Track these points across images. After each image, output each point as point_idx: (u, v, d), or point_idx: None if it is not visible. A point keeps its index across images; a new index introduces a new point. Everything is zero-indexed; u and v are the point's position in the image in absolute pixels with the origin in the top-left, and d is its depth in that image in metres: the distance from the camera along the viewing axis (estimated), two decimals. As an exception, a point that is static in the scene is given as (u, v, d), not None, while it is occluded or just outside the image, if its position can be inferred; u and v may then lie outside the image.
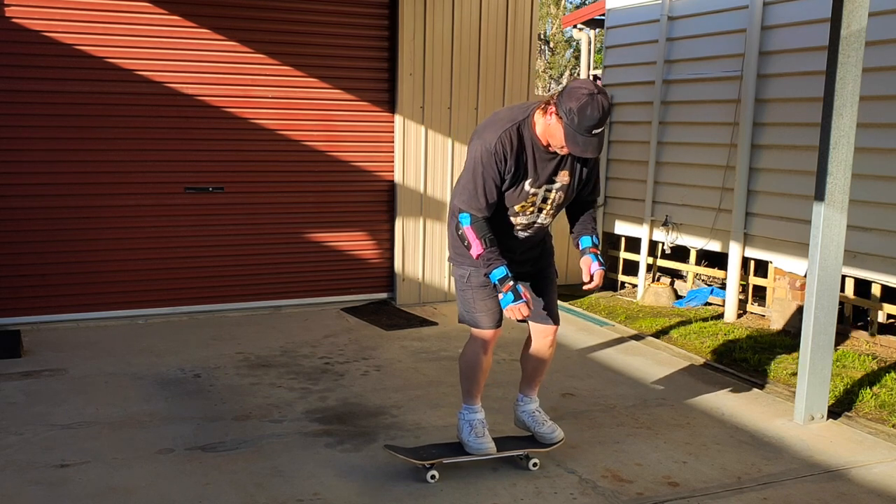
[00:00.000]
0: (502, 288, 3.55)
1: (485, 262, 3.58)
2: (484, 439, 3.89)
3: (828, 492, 3.88)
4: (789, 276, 6.95)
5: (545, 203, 3.72)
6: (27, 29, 6.03)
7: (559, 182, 3.69)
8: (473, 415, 3.92)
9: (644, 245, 8.35)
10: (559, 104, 3.39)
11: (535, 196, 3.67)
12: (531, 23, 7.63)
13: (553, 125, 3.44)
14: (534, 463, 4.00)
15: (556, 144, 3.51)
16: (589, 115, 3.32)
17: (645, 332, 6.75)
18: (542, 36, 24.40)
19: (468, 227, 3.60)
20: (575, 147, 3.40)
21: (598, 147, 3.42)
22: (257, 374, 5.36)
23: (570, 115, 3.34)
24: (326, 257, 7.23)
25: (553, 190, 3.69)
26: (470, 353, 3.88)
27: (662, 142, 8.17)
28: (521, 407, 4.09)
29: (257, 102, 6.77)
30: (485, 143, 3.55)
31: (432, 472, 3.83)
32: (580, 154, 3.44)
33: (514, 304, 3.54)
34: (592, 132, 3.36)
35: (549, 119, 3.46)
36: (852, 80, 4.49)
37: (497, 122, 3.60)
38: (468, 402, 3.93)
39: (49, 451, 4.07)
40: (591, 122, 3.33)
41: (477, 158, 3.56)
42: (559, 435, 4.06)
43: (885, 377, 5.53)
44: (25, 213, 6.21)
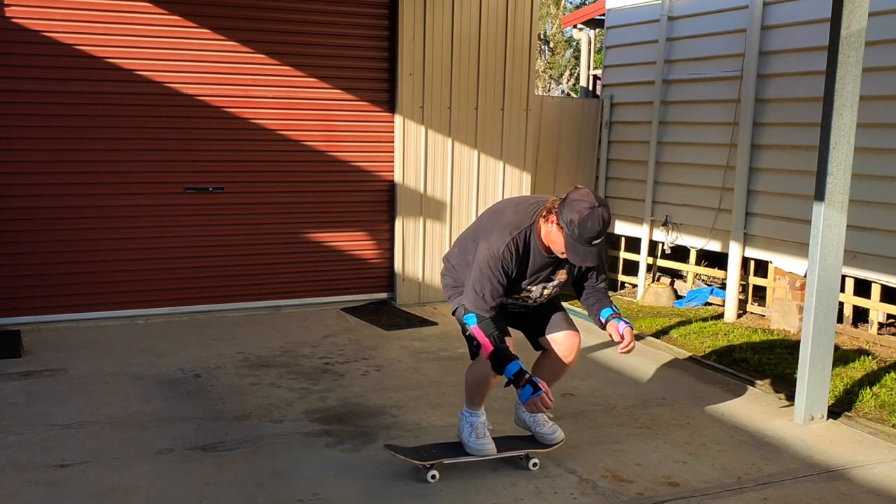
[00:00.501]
0: (519, 383, 3.56)
1: (497, 361, 3.60)
2: (485, 440, 3.90)
3: (828, 492, 3.88)
4: (789, 276, 6.95)
5: (540, 297, 3.85)
6: (27, 29, 6.03)
7: (556, 280, 3.81)
8: (475, 417, 3.93)
9: (644, 245, 8.35)
10: (560, 214, 3.49)
11: (531, 292, 3.80)
12: (531, 23, 7.63)
13: (554, 233, 3.55)
14: (534, 463, 4.00)
15: (556, 250, 3.61)
16: (589, 227, 3.43)
17: (645, 332, 6.75)
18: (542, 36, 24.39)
19: (475, 327, 3.65)
20: (575, 257, 3.51)
21: (597, 256, 3.54)
22: (257, 374, 5.36)
23: (570, 226, 3.44)
24: (326, 257, 7.23)
25: (549, 287, 3.83)
26: (479, 372, 3.85)
27: (662, 142, 8.17)
28: (523, 408, 4.08)
29: (257, 102, 6.77)
30: (491, 249, 3.63)
31: (433, 472, 3.83)
32: (579, 263, 3.56)
33: (533, 396, 3.53)
34: (592, 243, 3.47)
35: (551, 227, 3.56)
36: (852, 80, 4.49)
37: (504, 226, 3.67)
38: (471, 407, 3.95)
39: (49, 451, 4.07)
40: (590, 234, 3.44)
41: (483, 263, 3.64)
42: (560, 436, 4.06)
43: (885, 377, 5.53)
44: (25, 213, 6.21)
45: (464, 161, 7.50)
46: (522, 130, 7.71)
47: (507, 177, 7.69)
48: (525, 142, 7.74)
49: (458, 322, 3.92)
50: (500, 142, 7.63)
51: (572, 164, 8.89)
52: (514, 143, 7.68)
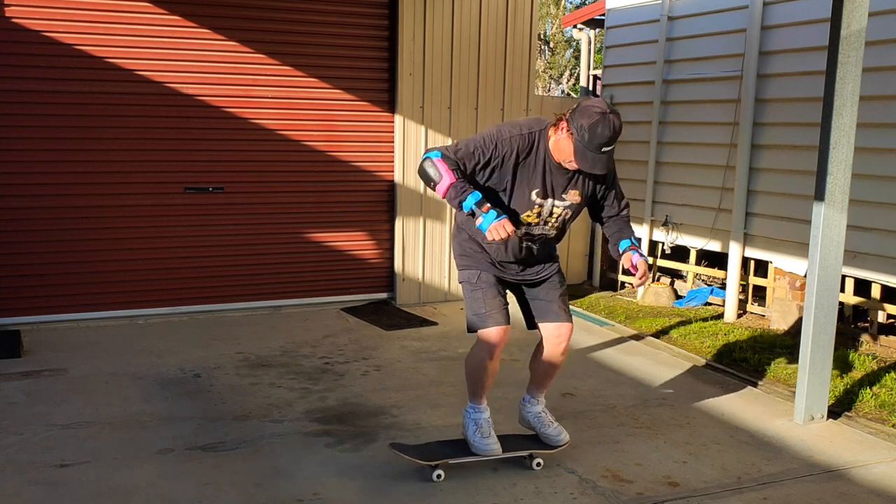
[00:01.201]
0: (481, 210, 3.40)
1: (458, 191, 3.42)
2: (490, 440, 3.88)
3: (828, 492, 3.88)
4: (789, 276, 6.95)
5: (551, 217, 3.75)
6: (27, 29, 6.03)
7: (569, 200, 3.74)
8: (479, 414, 3.91)
9: (644, 245, 8.35)
10: (571, 120, 3.46)
11: (542, 208, 3.71)
12: (531, 23, 7.63)
13: (563, 140, 3.51)
14: (537, 463, 4.00)
15: (564, 159, 3.56)
16: (600, 132, 3.39)
17: (645, 332, 6.75)
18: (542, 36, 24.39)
19: (439, 159, 3.46)
20: (584, 163, 3.47)
21: (606, 164, 3.50)
22: (257, 374, 5.36)
23: (580, 131, 3.41)
24: (326, 257, 7.23)
25: (561, 206, 3.74)
26: (475, 358, 3.85)
27: (662, 142, 8.17)
28: (528, 408, 4.09)
29: (257, 102, 6.77)
30: (500, 130, 3.60)
31: (438, 472, 3.83)
32: (588, 170, 3.52)
33: (496, 220, 3.38)
34: (602, 150, 3.43)
35: (560, 135, 3.52)
36: (852, 80, 4.49)
37: (518, 123, 3.68)
38: (474, 401, 3.92)
39: (49, 451, 4.07)
40: (601, 140, 3.41)
41: (485, 134, 3.62)
42: (565, 437, 4.04)
43: (885, 377, 5.53)
44: (25, 213, 6.21)
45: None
46: (522, 130, 7.70)
47: (507, 177, 7.67)
48: (525, 142, 7.73)
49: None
50: (500, 142, 7.62)
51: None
52: (514, 143, 7.66)
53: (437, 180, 3.46)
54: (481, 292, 3.81)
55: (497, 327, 3.76)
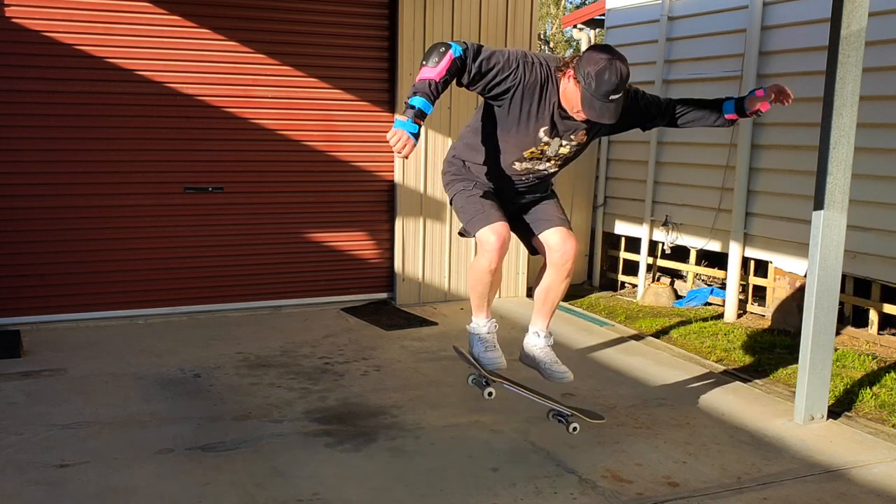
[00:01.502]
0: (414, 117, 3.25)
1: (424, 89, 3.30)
2: (494, 353, 3.78)
3: (828, 492, 3.88)
4: (789, 276, 6.95)
5: (555, 155, 3.67)
6: (27, 29, 6.02)
7: (576, 140, 3.64)
8: (481, 328, 3.82)
9: (644, 245, 8.35)
10: (577, 68, 3.34)
11: (548, 146, 3.60)
12: (531, 23, 7.63)
13: (570, 89, 3.39)
14: (574, 427, 3.98)
15: (571, 108, 3.44)
16: (607, 79, 3.27)
17: (645, 332, 6.75)
18: (542, 36, 24.39)
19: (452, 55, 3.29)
20: (591, 112, 3.36)
21: (615, 113, 3.37)
22: (257, 374, 5.36)
23: (587, 79, 3.30)
24: (326, 257, 7.23)
25: (568, 146, 3.65)
26: (476, 268, 3.71)
27: (662, 142, 8.17)
28: (531, 340, 3.94)
29: (257, 102, 6.77)
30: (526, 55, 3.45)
31: (489, 390, 3.83)
32: (596, 119, 3.40)
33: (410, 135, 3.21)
34: (610, 97, 3.31)
35: (567, 83, 3.40)
36: (852, 80, 4.49)
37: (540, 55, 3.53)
38: (478, 314, 3.83)
39: (49, 451, 4.06)
40: (608, 87, 3.29)
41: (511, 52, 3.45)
42: (570, 376, 3.91)
43: (885, 377, 5.53)
44: (25, 213, 6.20)
45: (464, 161, 7.49)
46: (522, 130, 7.70)
47: (507, 177, 7.68)
48: (525, 142, 7.73)
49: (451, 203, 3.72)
50: (500, 142, 7.62)
51: (571, 164, 8.86)
52: (514, 143, 7.66)
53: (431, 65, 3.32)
54: (476, 198, 3.67)
55: (495, 223, 3.59)
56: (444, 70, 3.29)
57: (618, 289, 8.78)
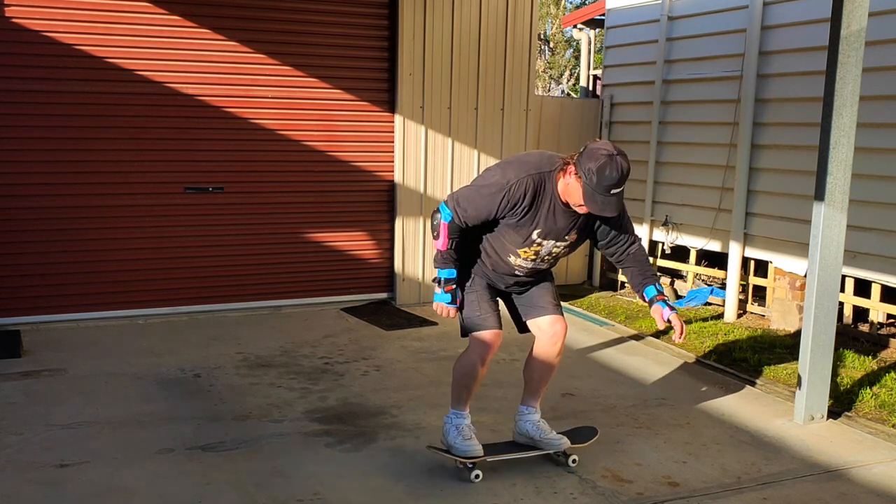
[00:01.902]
0: (445, 287, 3.74)
1: (441, 259, 3.73)
2: (471, 442, 3.85)
3: (828, 492, 3.88)
4: (789, 276, 6.95)
5: (548, 255, 3.81)
6: (27, 29, 6.03)
7: (568, 240, 3.78)
8: (461, 420, 3.90)
9: (644, 245, 8.34)
10: (579, 164, 3.46)
11: (540, 247, 3.74)
12: (531, 23, 7.63)
13: (572, 184, 3.51)
14: (573, 460, 3.99)
15: (574, 203, 3.57)
16: (608, 175, 3.38)
17: (645, 332, 6.75)
18: (542, 36, 24.39)
19: (446, 224, 3.69)
20: (594, 206, 3.47)
21: (616, 206, 3.49)
22: (257, 374, 5.36)
23: (589, 175, 3.41)
24: (326, 257, 7.23)
25: (560, 247, 3.79)
26: (467, 362, 3.86)
27: (662, 142, 8.17)
28: (525, 417, 4.02)
29: (257, 102, 6.77)
30: (505, 176, 3.61)
31: (476, 472, 3.82)
32: (598, 213, 3.52)
33: (448, 305, 3.76)
34: (611, 192, 3.42)
35: (569, 179, 3.52)
36: (852, 80, 4.49)
37: (526, 164, 3.65)
38: (457, 407, 3.92)
39: (49, 451, 4.07)
40: (609, 182, 3.40)
41: (490, 184, 3.63)
42: (566, 443, 4.00)
43: (885, 377, 5.53)
44: (25, 213, 6.20)
45: (464, 161, 7.50)
46: (522, 130, 7.71)
47: (507, 177, 7.68)
48: (525, 142, 7.74)
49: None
50: (500, 142, 7.63)
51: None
52: (514, 144, 7.67)
53: (435, 238, 3.75)
54: (476, 295, 3.84)
55: (492, 330, 3.80)
56: (446, 238, 3.71)
57: (618, 289, 8.78)
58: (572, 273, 8.70)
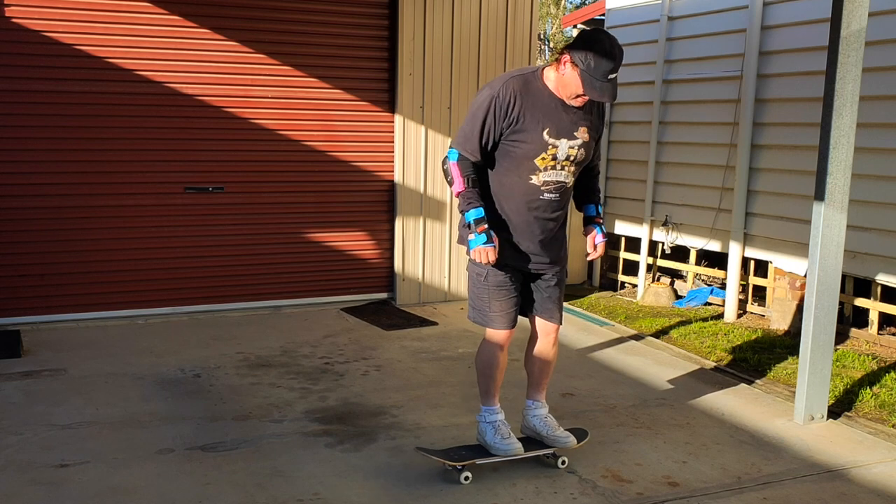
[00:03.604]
0: (477, 228, 3.58)
1: (464, 201, 3.61)
2: (511, 440, 3.85)
3: (828, 492, 3.88)
4: (789, 276, 6.95)
5: (567, 160, 3.70)
6: (27, 29, 6.03)
7: (580, 138, 3.70)
8: (494, 416, 3.89)
9: (644, 245, 8.35)
10: (573, 53, 3.46)
11: (556, 149, 3.64)
12: (531, 23, 7.63)
13: (568, 75, 3.51)
14: (562, 461, 3.98)
15: (569, 94, 3.56)
16: (606, 60, 3.42)
17: (645, 332, 6.75)
18: (542, 36, 24.40)
19: (454, 163, 3.64)
20: (592, 92, 3.49)
21: (613, 92, 3.52)
22: (257, 374, 5.36)
23: (585, 61, 3.43)
24: (326, 257, 7.23)
25: (575, 147, 3.69)
26: (486, 352, 3.87)
27: (662, 142, 8.17)
28: (532, 412, 4.04)
29: (257, 102, 6.77)
30: (491, 89, 3.61)
31: (466, 474, 3.80)
32: (598, 98, 3.53)
33: (484, 245, 3.57)
34: (608, 77, 3.45)
35: (564, 69, 3.52)
36: (852, 80, 4.49)
37: (505, 74, 3.69)
38: (487, 402, 3.90)
39: (49, 451, 4.07)
40: (606, 68, 3.43)
41: (481, 102, 3.61)
42: (573, 441, 3.99)
43: (885, 377, 5.53)
44: (25, 213, 6.21)
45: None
46: (522, 130, 7.70)
47: (507, 177, 7.68)
48: (525, 142, 7.73)
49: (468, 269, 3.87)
50: (500, 142, 7.62)
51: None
52: (514, 143, 7.66)
53: (451, 184, 3.67)
54: (487, 292, 3.79)
55: (502, 331, 3.81)
56: (461, 178, 3.61)
57: (618, 289, 8.78)
58: (572, 273, 8.70)
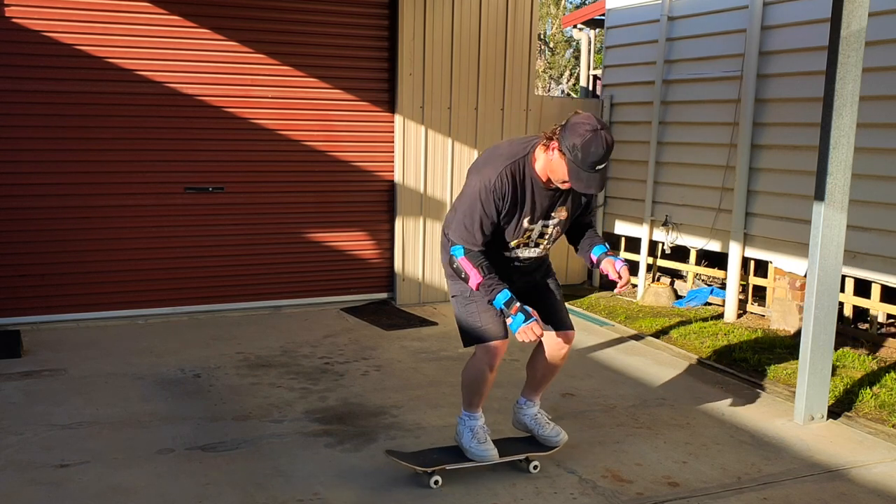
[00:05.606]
0: (510, 311, 3.48)
1: (486, 290, 3.51)
2: (487, 445, 3.84)
3: (828, 492, 3.88)
4: (789, 276, 6.95)
5: (542, 238, 3.72)
6: (27, 29, 6.03)
7: (556, 218, 3.69)
8: (475, 421, 3.87)
9: (644, 245, 8.35)
10: (562, 140, 3.36)
11: (532, 231, 3.66)
12: (531, 23, 7.63)
13: (556, 161, 3.41)
14: (534, 466, 3.99)
15: (557, 180, 3.49)
16: (593, 151, 3.30)
17: (645, 332, 6.75)
18: (542, 36, 24.39)
19: (462, 258, 3.56)
20: (578, 183, 3.39)
21: (601, 183, 3.40)
22: (257, 374, 5.36)
23: (573, 151, 3.31)
24: (326, 257, 7.23)
25: (550, 226, 3.70)
26: (475, 369, 3.79)
27: (662, 142, 8.17)
28: (524, 410, 4.05)
29: (257, 102, 6.77)
30: (483, 178, 3.50)
31: (435, 478, 3.80)
32: (583, 190, 3.44)
33: (525, 324, 3.45)
34: (596, 168, 3.34)
35: (552, 155, 3.42)
36: (852, 80, 4.49)
37: (497, 157, 3.56)
38: (469, 409, 3.89)
39: (49, 451, 4.07)
40: (594, 159, 3.31)
41: (474, 195, 3.52)
42: (563, 437, 4.02)
43: (885, 377, 5.53)
44: (25, 213, 6.21)
45: (464, 161, 7.50)
46: (522, 130, 7.71)
47: (507, 177, 7.68)
48: (525, 142, 7.73)
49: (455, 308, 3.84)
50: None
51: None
52: (514, 143, 7.66)
53: (467, 279, 3.58)
54: (475, 305, 3.73)
55: (496, 340, 3.73)
56: (474, 269, 3.53)
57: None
58: (572, 273, 8.70)
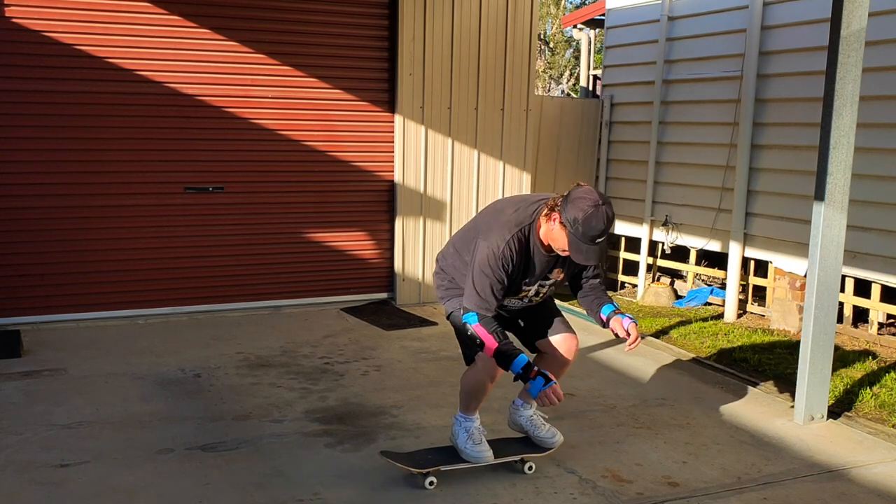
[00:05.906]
0: (529, 375, 3.51)
1: (503, 358, 3.54)
2: (482, 447, 3.85)
3: (828, 492, 3.88)
4: (789, 276, 6.95)
5: (536, 296, 3.83)
6: (27, 29, 6.03)
7: (552, 279, 3.79)
8: (470, 423, 3.89)
9: (644, 245, 8.35)
10: (563, 212, 3.43)
11: (528, 290, 3.77)
12: (531, 23, 7.63)
13: (556, 231, 3.49)
14: (529, 466, 3.98)
15: (557, 248, 3.57)
16: (594, 226, 3.38)
17: (645, 332, 6.75)
18: (542, 36, 24.39)
19: (477, 325, 3.57)
20: (578, 255, 3.47)
21: (599, 255, 3.49)
22: (257, 374, 5.36)
23: (574, 224, 3.39)
24: (326, 257, 7.23)
25: (546, 286, 3.80)
26: (475, 379, 3.82)
27: (662, 142, 8.17)
28: (520, 412, 4.06)
29: (257, 102, 6.77)
30: (492, 247, 3.56)
31: (430, 479, 3.80)
32: (583, 262, 3.52)
33: (545, 388, 3.47)
34: (596, 241, 3.42)
35: (553, 225, 3.50)
36: (852, 80, 4.49)
37: (504, 224, 3.62)
38: (465, 412, 3.91)
39: (49, 451, 4.07)
40: (595, 233, 3.39)
41: (483, 262, 3.57)
42: (559, 438, 4.03)
43: (885, 377, 5.53)
44: (25, 213, 6.20)
45: (464, 161, 7.50)
46: (522, 130, 7.71)
47: (507, 177, 7.69)
48: (525, 142, 7.74)
49: (452, 324, 3.90)
50: (500, 142, 7.63)
51: (572, 164, 8.89)
52: (514, 143, 7.68)
53: (482, 345, 3.58)
54: None
55: None
56: (489, 335, 3.53)
57: (618, 289, 8.78)
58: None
